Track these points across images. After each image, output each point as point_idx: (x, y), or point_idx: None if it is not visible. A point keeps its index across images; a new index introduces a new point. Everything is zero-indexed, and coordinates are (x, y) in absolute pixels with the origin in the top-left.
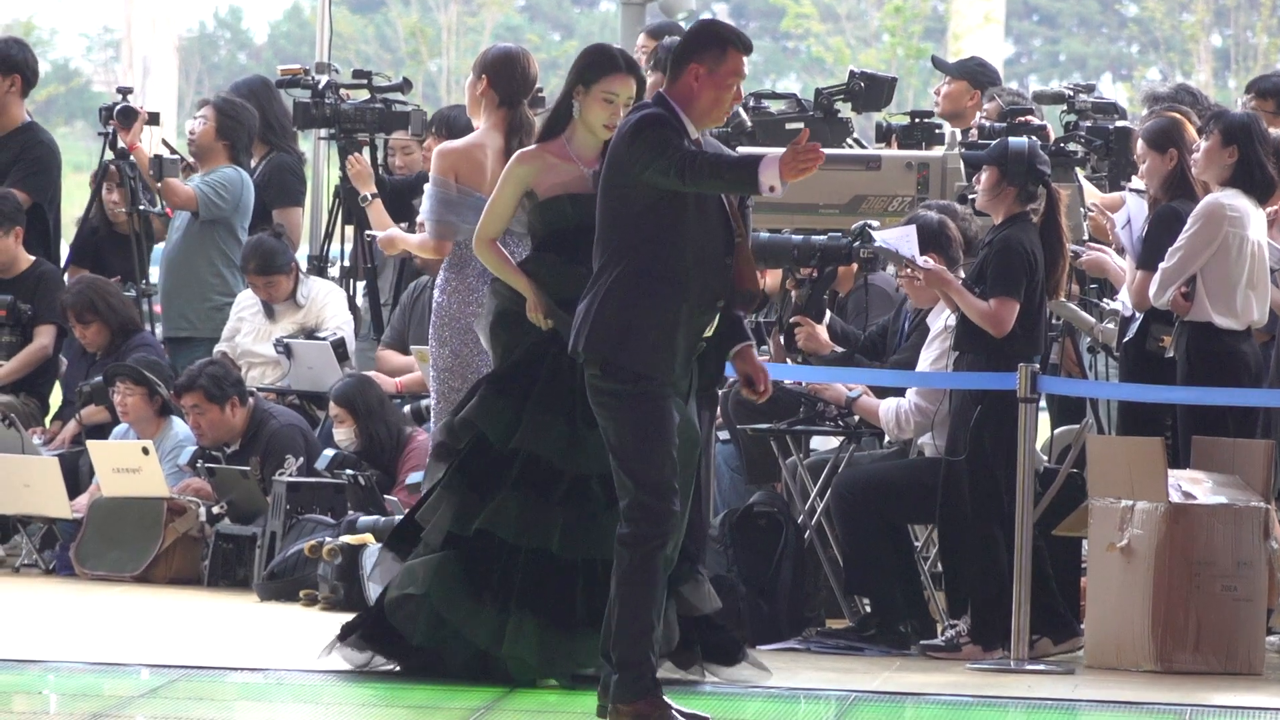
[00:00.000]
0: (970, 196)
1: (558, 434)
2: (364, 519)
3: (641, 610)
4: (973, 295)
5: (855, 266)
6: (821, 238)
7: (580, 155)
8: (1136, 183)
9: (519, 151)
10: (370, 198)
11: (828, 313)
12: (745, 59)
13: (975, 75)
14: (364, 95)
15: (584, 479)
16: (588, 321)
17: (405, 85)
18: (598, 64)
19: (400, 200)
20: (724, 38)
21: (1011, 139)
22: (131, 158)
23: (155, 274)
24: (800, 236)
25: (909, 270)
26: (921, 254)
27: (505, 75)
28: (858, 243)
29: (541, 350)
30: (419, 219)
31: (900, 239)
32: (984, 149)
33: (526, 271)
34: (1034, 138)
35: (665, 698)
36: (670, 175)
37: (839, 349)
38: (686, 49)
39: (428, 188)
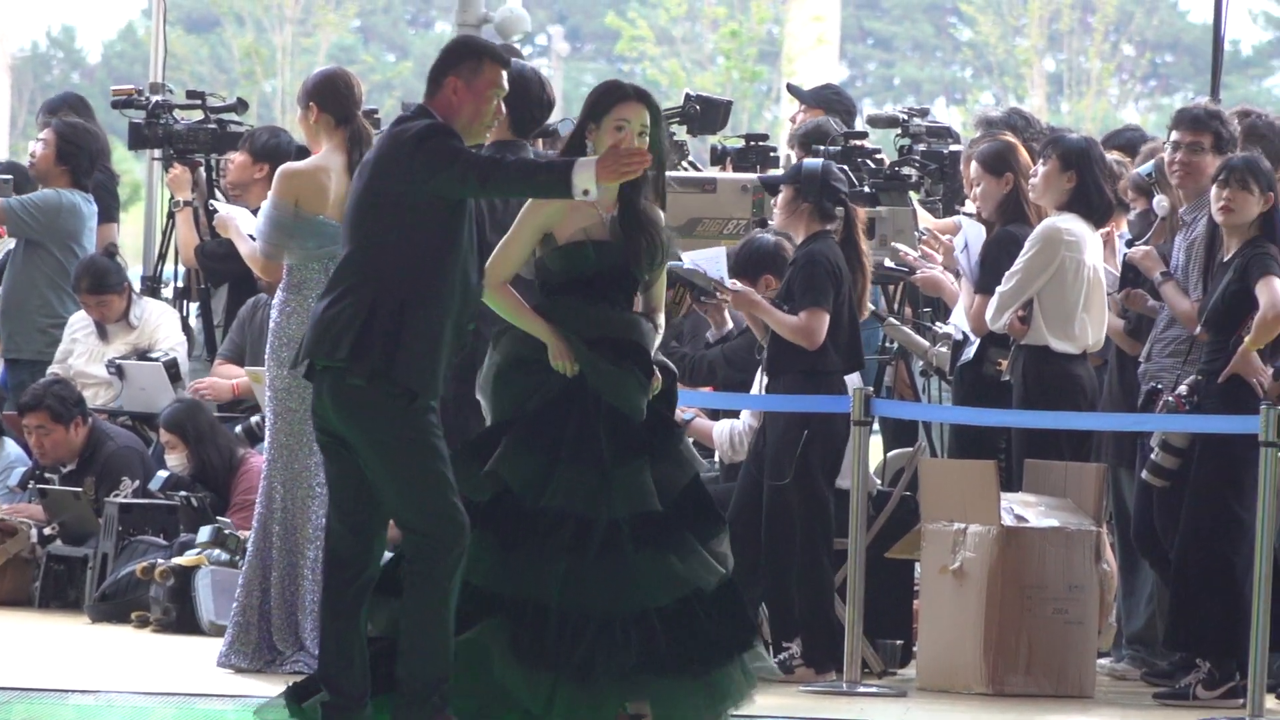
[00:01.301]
0: (770, 221)
1: (589, 487)
2: (204, 530)
3: (439, 631)
4: (782, 313)
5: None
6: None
7: (599, 199)
8: (970, 206)
9: None
10: (182, 204)
11: None
12: (504, 72)
13: (830, 103)
14: (198, 115)
15: (615, 524)
16: (350, 330)
17: (240, 105)
18: (606, 96)
19: None
20: (480, 51)
21: (806, 159)
22: None
23: None
24: None
25: (717, 292)
26: (757, 276)
27: (331, 94)
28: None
29: (565, 398)
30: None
31: (708, 260)
32: None
33: (545, 316)
34: (828, 160)
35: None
36: (468, 182)
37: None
38: (443, 63)
39: (264, 206)
